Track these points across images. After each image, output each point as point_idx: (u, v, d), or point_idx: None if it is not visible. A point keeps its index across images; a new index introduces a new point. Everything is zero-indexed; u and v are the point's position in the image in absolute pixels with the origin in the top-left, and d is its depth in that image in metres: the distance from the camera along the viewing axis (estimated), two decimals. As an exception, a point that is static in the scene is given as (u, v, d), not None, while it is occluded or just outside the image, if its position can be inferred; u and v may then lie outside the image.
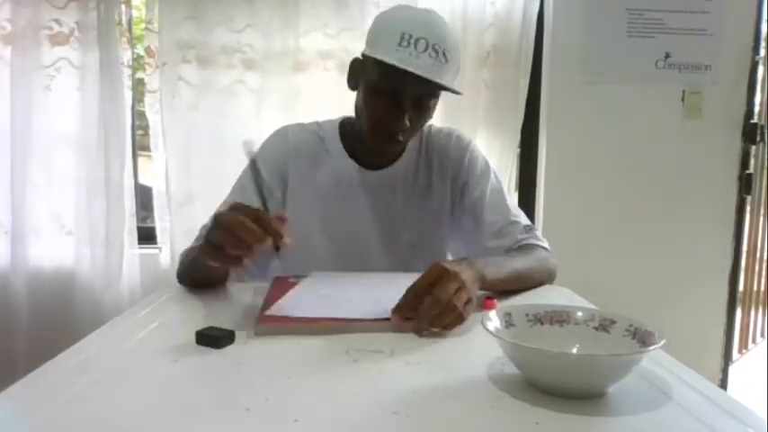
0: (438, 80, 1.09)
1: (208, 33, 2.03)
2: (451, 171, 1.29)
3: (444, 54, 1.10)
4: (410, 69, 1.07)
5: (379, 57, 1.09)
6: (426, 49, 1.08)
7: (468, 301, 0.89)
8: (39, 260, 2.06)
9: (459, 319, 0.88)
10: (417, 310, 0.87)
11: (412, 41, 1.08)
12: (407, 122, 1.14)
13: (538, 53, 2.16)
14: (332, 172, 1.27)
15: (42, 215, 2.06)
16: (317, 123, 1.32)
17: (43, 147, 2.03)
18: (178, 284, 1.16)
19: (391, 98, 1.13)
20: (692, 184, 2.20)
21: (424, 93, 1.14)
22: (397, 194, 1.29)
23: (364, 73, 1.17)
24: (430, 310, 0.86)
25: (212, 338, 0.83)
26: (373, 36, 1.15)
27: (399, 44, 1.08)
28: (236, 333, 0.86)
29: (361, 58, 1.19)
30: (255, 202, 1.18)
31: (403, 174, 1.28)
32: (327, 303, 0.98)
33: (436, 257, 1.30)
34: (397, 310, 0.89)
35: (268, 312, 0.93)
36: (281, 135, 1.30)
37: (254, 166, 1.02)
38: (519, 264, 1.14)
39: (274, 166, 1.25)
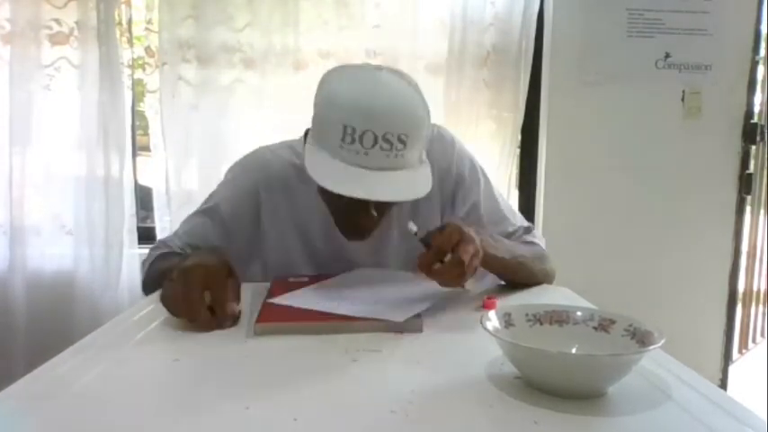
0: (396, 177, 0.94)
1: (207, 32, 2.03)
2: (438, 178, 1.14)
3: (400, 138, 0.92)
4: (358, 195, 0.93)
5: (320, 178, 0.94)
6: (376, 142, 0.91)
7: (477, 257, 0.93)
8: (38, 260, 2.06)
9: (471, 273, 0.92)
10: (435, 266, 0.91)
11: (356, 136, 0.91)
12: (375, 214, 1.02)
13: (538, 53, 2.16)
14: (311, 203, 1.12)
15: (42, 215, 2.06)
16: (291, 147, 1.19)
17: (42, 146, 2.03)
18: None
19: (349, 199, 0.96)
20: (692, 184, 2.20)
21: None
22: (386, 220, 1.14)
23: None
24: (453, 270, 0.90)
25: None
26: (315, 121, 1.00)
27: (343, 140, 0.92)
28: (235, 331, 0.85)
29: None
30: (210, 242, 1.13)
31: (393, 208, 1.12)
32: (330, 299, 0.98)
33: None
34: (423, 266, 0.92)
35: (271, 300, 0.95)
36: (250, 170, 1.18)
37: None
38: (518, 250, 1.12)
39: (241, 210, 1.16)
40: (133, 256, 2.09)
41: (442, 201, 1.19)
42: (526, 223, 1.26)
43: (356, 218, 1.03)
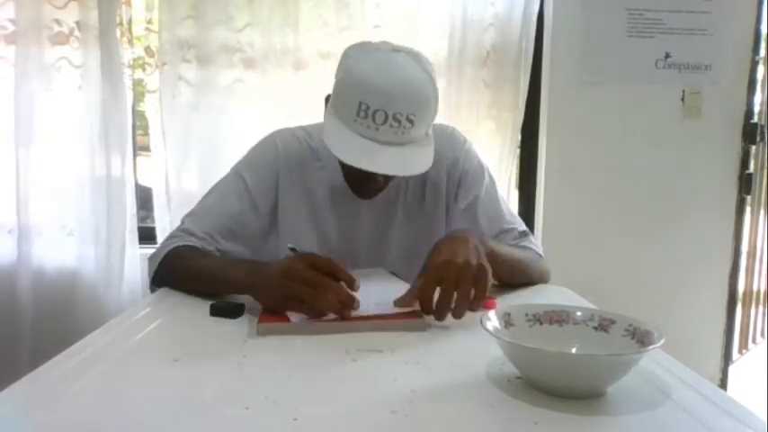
0: (401, 152, 1.03)
1: (207, 32, 2.03)
2: (446, 171, 1.25)
3: (408, 118, 1.02)
4: (362, 166, 1.02)
5: (334, 147, 1.03)
6: (386, 120, 1.01)
7: (482, 265, 0.92)
8: (42, 260, 2.06)
9: (484, 275, 0.91)
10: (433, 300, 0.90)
11: (370, 113, 1.01)
12: (381, 180, 1.12)
13: (538, 53, 2.16)
14: (324, 182, 1.22)
15: (45, 215, 2.06)
16: (305, 130, 1.27)
17: (45, 146, 2.03)
18: (174, 289, 1.11)
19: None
20: (692, 184, 2.20)
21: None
22: (392, 198, 1.25)
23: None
24: (445, 310, 0.89)
25: (224, 310, 0.95)
26: (335, 93, 1.09)
27: (357, 114, 1.01)
28: (236, 331, 0.85)
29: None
30: (235, 213, 1.19)
31: (398, 177, 1.21)
32: None
33: None
34: (402, 302, 0.93)
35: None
36: (270, 146, 1.25)
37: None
38: (517, 254, 1.16)
39: (264, 181, 1.22)
40: (134, 256, 2.09)
41: (447, 191, 1.27)
42: (524, 228, 1.28)
43: (366, 182, 1.12)
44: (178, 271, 1.12)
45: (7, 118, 1.99)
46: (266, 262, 1.05)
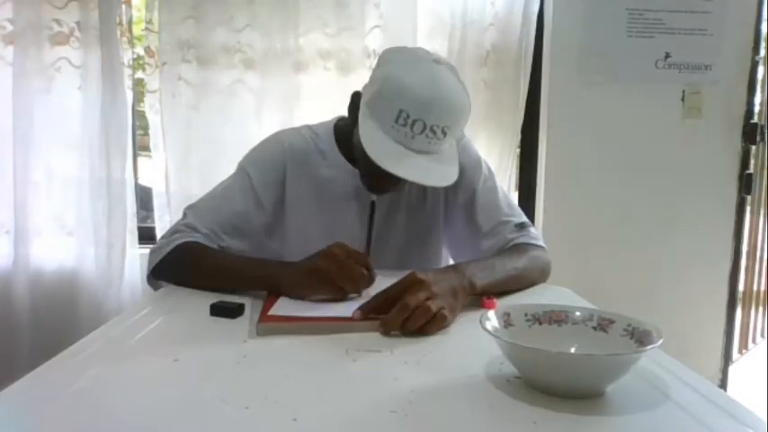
0: (432, 162, 1.06)
1: (208, 33, 2.03)
2: None
3: (444, 130, 1.05)
4: (397, 173, 1.04)
5: (370, 149, 1.05)
6: (423, 130, 1.04)
7: (443, 308, 0.89)
8: (41, 260, 2.06)
9: (441, 320, 0.88)
10: (386, 313, 0.89)
11: (409, 122, 1.03)
12: (401, 182, 1.13)
13: (538, 53, 2.16)
14: (331, 180, 1.24)
15: (44, 215, 2.06)
16: (311, 129, 1.29)
17: (44, 147, 2.03)
18: (177, 284, 1.13)
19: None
20: (692, 184, 2.20)
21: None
22: (396, 197, 1.26)
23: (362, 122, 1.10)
24: (398, 316, 0.87)
25: (224, 310, 0.95)
26: (374, 95, 1.08)
27: (396, 121, 1.03)
28: (235, 332, 0.85)
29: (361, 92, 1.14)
30: (239, 210, 1.21)
31: None
32: (327, 302, 1.00)
33: (431, 256, 1.31)
34: (361, 309, 0.91)
35: (270, 312, 0.94)
36: (276, 143, 1.27)
37: None
38: (511, 265, 1.12)
39: (269, 177, 1.23)
40: (134, 256, 2.10)
41: (446, 186, 1.24)
42: (522, 219, 1.27)
43: (387, 182, 1.12)
44: (190, 267, 1.13)
45: (6, 118, 1.99)
46: (289, 262, 1.08)
